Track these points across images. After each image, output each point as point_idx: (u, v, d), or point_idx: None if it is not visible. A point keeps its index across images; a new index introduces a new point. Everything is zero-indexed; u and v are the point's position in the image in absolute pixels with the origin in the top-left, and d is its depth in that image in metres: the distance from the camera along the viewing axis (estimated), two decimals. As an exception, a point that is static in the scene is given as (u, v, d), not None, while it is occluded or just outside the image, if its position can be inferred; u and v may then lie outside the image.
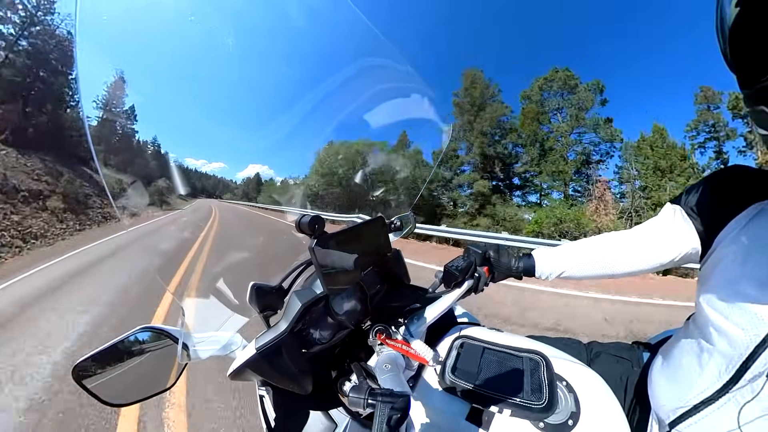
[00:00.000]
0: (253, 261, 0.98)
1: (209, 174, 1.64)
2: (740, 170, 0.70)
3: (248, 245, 1.10)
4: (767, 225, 0.60)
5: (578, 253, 0.88)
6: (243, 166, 1.64)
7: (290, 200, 1.44)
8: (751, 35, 0.48)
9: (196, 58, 0.92)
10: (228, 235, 2.62)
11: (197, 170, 1.23)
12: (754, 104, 0.50)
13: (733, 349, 0.61)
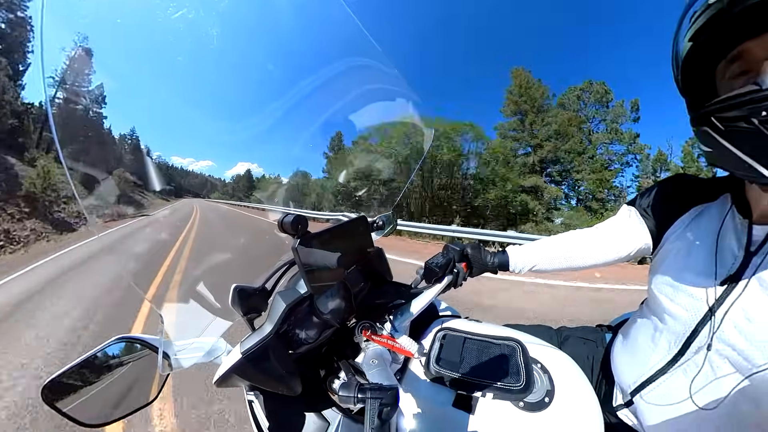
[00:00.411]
0: (234, 262, 0.96)
1: (197, 173, 1.58)
2: (684, 178, 0.83)
3: (229, 246, 1.08)
4: (705, 225, 0.71)
5: (547, 248, 0.97)
6: (232, 164, 1.59)
7: (279, 199, 1.41)
8: (699, 67, 0.59)
9: (178, 45, 0.86)
10: (209, 236, 2.52)
11: (184, 168, 1.19)
12: (699, 125, 0.57)
13: (679, 327, 0.71)
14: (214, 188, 2.00)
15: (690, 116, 0.61)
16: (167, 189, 0.94)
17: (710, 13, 0.50)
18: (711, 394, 0.64)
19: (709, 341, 0.64)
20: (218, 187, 1.99)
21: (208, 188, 1.84)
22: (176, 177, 1.20)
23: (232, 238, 1.21)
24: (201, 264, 0.99)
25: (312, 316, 0.85)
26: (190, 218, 2.00)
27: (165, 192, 0.91)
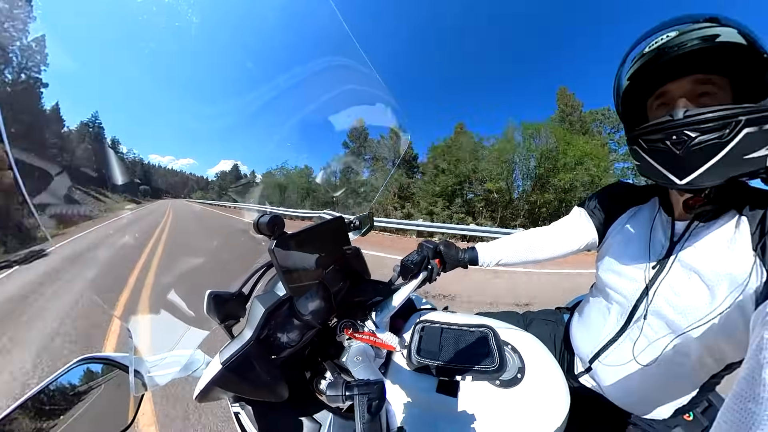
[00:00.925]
0: (208, 267, 0.91)
1: (177, 171, 1.48)
2: (623, 185, 1.00)
3: (203, 250, 1.03)
4: (640, 221, 0.87)
5: (511, 244, 1.09)
6: (214, 162, 1.51)
7: (261, 197, 1.36)
8: (633, 100, 0.77)
9: (151, 30, 0.79)
10: (181, 239, 2.35)
11: (163, 167, 1.11)
12: (632, 144, 0.73)
13: (623, 303, 0.85)
14: (196, 187, 1.89)
15: (626, 137, 0.76)
16: (143, 189, 0.87)
17: (643, 61, 0.68)
18: (650, 354, 0.78)
19: (645, 312, 0.79)
20: (201, 185, 1.88)
21: (189, 187, 1.74)
22: (154, 176, 1.12)
23: (205, 240, 1.15)
24: (172, 270, 0.93)
25: (292, 318, 0.84)
26: (162, 220, 1.88)
27: (141, 193, 0.84)
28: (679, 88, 0.66)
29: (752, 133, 0.56)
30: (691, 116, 0.58)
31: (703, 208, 0.69)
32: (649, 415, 0.86)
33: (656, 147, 0.64)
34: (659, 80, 0.69)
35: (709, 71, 0.64)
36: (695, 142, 0.58)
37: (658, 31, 0.65)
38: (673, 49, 0.62)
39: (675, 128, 0.59)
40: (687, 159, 0.60)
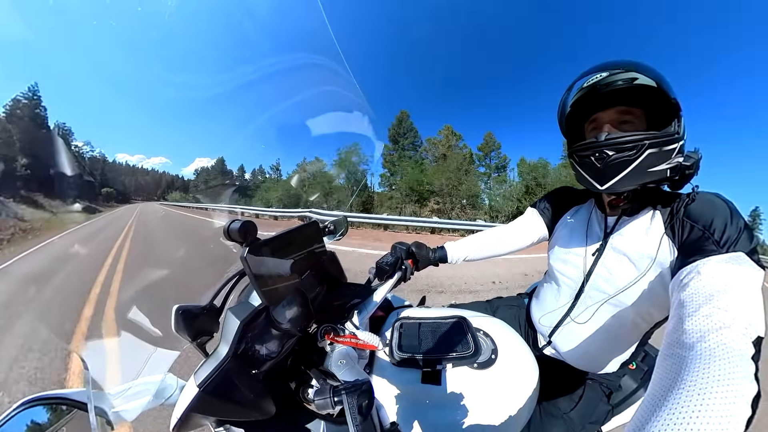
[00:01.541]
0: (174, 279, 0.83)
1: (149, 170, 1.33)
2: (566, 189, 1.19)
3: (168, 261, 0.94)
4: (580, 218, 1.05)
5: (475, 242, 1.21)
6: (188, 160, 1.39)
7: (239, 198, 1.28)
8: (573, 123, 0.94)
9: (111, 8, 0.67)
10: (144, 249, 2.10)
11: (132, 166, 0.99)
12: (569, 158, 0.90)
13: (571, 284, 1.01)
14: (170, 187, 1.74)
15: (568, 151, 0.93)
16: (106, 193, 0.77)
17: (581, 93, 0.85)
18: (596, 322, 0.94)
19: (589, 289, 0.95)
20: (175, 185, 1.73)
21: (163, 188, 1.59)
22: (121, 177, 1.00)
23: (172, 249, 1.05)
24: (134, 285, 0.84)
25: (270, 328, 0.80)
26: (126, 227, 1.67)
27: (102, 197, 0.74)
28: (606, 116, 0.83)
29: (654, 153, 0.73)
30: (609, 139, 0.75)
31: (623, 206, 0.88)
32: (602, 371, 1.02)
33: (585, 161, 0.82)
34: (593, 109, 0.86)
35: (629, 105, 0.81)
36: (611, 158, 0.75)
37: (594, 72, 0.81)
38: (604, 87, 0.79)
39: (598, 147, 0.77)
40: (606, 170, 0.77)
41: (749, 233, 0.64)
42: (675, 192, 0.82)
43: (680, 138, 0.75)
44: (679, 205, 0.77)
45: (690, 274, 0.61)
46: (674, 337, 0.51)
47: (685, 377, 0.43)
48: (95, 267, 3.42)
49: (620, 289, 0.85)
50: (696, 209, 0.73)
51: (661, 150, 0.73)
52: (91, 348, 0.77)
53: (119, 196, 14.22)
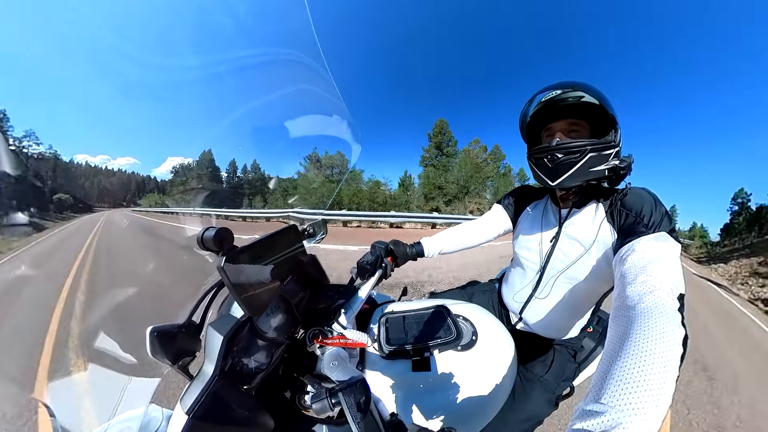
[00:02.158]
0: (145, 297, 0.76)
1: (113, 171, 1.18)
2: (526, 187, 1.32)
3: (137, 276, 0.86)
4: (538, 211, 1.17)
5: (449, 236, 1.31)
6: (160, 160, 1.28)
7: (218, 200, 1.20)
8: (532, 130, 1.07)
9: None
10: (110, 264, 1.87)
11: (93, 167, 0.86)
12: (528, 159, 1.04)
13: (534, 267, 1.14)
14: (139, 192, 1.59)
15: (527, 155, 1.07)
16: (59, 200, 0.68)
17: (539, 107, 0.99)
18: (557, 296, 1.08)
19: (549, 270, 1.09)
20: (146, 188, 1.58)
21: (132, 192, 1.45)
22: (80, 181, 0.88)
23: (140, 263, 0.96)
24: (98, 308, 0.75)
25: (256, 340, 0.76)
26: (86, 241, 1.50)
27: (55, 206, 0.64)
28: (558, 125, 0.98)
29: (594, 156, 0.89)
30: (560, 145, 0.91)
31: (573, 199, 1.04)
32: (566, 337, 1.18)
33: (540, 162, 0.96)
34: (548, 119, 1.01)
35: (577, 117, 0.97)
36: (561, 160, 0.90)
37: (550, 90, 0.97)
38: (557, 102, 0.95)
39: (550, 151, 0.92)
40: (556, 170, 0.92)
41: (669, 217, 0.81)
42: (613, 188, 0.97)
43: (616, 145, 0.91)
44: (616, 197, 0.93)
45: (628, 251, 0.75)
46: (620, 301, 0.63)
47: (633, 331, 0.53)
48: (52, 293, 2.92)
49: (574, 267, 1.00)
50: (629, 200, 0.88)
51: (600, 154, 0.89)
52: (55, 391, 0.67)
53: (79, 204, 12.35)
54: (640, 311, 0.57)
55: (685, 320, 0.56)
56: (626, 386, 0.45)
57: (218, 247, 0.62)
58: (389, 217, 13.27)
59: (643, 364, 0.47)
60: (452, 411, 0.85)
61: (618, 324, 0.58)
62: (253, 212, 6.86)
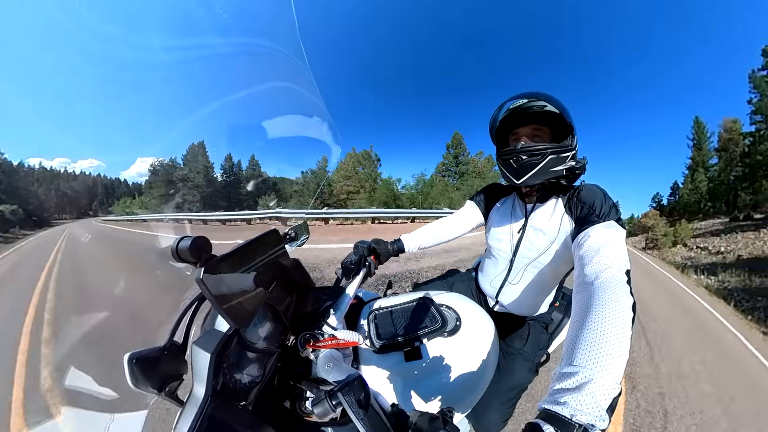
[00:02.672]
0: (118, 320, 0.68)
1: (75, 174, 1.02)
2: (496, 185, 1.42)
3: (107, 297, 0.77)
4: (507, 206, 1.29)
5: (427, 232, 1.39)
6: (128, 161, 1.12)
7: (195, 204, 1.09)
8: (501, 135, 1.16)
9: None
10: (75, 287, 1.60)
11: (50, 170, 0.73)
12: (497, 161, 1.13)
13: (505, 256, 1.25)
14: (109, 196, 1.41)
15: (495, 156, 1.16)
16: (5, 215, 0.57)
17: (507, 113, 1.07)
18: (526, 279, 1.21)
19: (518, 258, 1.20)
20: (116, 192, 1.41)
21: (99, 197, 1.28)
22: (33, 188, 0.74)
23: (110, 281, 0.86)
24: (65, 339, 0.65)
25: (246, 352, 0.73)
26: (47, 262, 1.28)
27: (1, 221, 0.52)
28: (524, 131, 1.09)
29: (553, 158, 0.99)
30: (524, 148, 1.02)
31: (536, 195, 1.15)
32: (538, 313, 1.32)
33: (507, 162, 1.05)
34: (515, 125, 1.10)
35: (540, 124, 1.07)
36: (524, 161, 1.01)
37: (517, 99, 1.06)
38: (523, 110, 1.05)
39: (516, 153, 1.02)
40: (521, 170, 1.02)
41: (616, 209, 0.95)
42: (570, 185, 1.09)
43: (573, 149, 1.03)
44: (573, 193, 1.06)
45: (584, 237, 0.87)
46: (580, 279, 0.74)
47: (593, 303, 0.63)
48: (8, 339, 2.32)
49: (539, 254, 1.13)
50: (583, 195, 1.01)
51: (559, 156, 1.00)
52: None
53: (32, 218, 10.35)
54: (597, 286, 0.67)
55: (632, 290, 0.67)
56: (592, 349, 0.54)
57: (195, 258, 0.57)
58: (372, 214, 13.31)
59: (604, 329, 0.57)
60: (447, 392, 0.90)
61: (580, 297, 0.68)
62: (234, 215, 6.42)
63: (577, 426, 0.45)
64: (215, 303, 0.60)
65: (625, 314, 0.60)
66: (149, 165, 5.47)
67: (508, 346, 1.24)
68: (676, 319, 6.13)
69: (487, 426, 1.09)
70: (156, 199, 5.34)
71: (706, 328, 6.00)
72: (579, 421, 0.46)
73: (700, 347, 4.31)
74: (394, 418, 0.66)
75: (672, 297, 8.62)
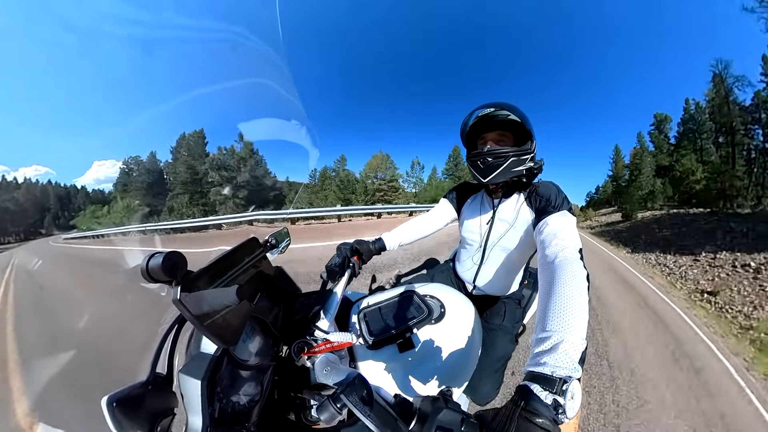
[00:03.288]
0: (88, 361, 0.59)
1: (19, 183, 0.82)
2: (466, 183, 1.54)
3: (71, 338, 0.66)
4: (477, 202, 1.42)
5: (405, 230, 1.46)
6: (83, 166, 0.93)
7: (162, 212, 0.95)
8: (470, 139, 1.29)
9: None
10: (33, 334, 1.34)
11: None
12: (467, 162, 1.26)
13: (478, 246, 1.39)
14: (65, 209, 1.19)
15: (466, 158, 1.29)
16: None
17: (476, 120, 1.20)
18: (497, 264, 1.35)
19: (489, 246, 1.34)
20: (73, 203, 1.19)
21: (53, 210, 1.08)
22: None
23: (74, 317, 0.74)
24: (29, 392, 0.55)
25: (239, 372, 0.68)
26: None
27: None
28: (490, 136, 1.21)
29: (515, 160, 1.12)
30: (490, 151, 1.14)
31: (501, 192, 1.28)
32: (510, 292, 1.48)
33: (475, 163, 1.17)
34: (482, 131, 1.23)
35: (504, 130, 1.20)
36: (490, 162, 1.13)
37: (485, 108, 1.18)
38: (490, 118, 1.17)
39: (482, 156, 1.14)
40: (487, 170, 1.14)
41: (568, 200, 1.09)
42: (530, 182, 1.23)
43: (531, 152, 1.18)
44: (532, 188, 1.20)
45: (543, 225, 1.01)
46: (543, 259, 0.87)
47: (555, 278, 0.74)
48: None
49: (507, 241, 1.27)
50: (541, 190, 1.14)
51: (519, 158, 1.14)
52: None
53: None
54: (557, 264, 0.79)
55: (585, 264, 0.80)
56: (560, 315, 0.64)
57: (170, 276, 0.52)
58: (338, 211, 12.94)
59: (567, 298, 0.67)
60: (443, 373, 0.96)
61: (544, 274, 0.80)
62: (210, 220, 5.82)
63: (558, 380, 0.52)
64: (198, 324, 0.55)
65: (582, 284, 0.71)
66: (97, 175, 4.61)
67: (488, 323, 1.36)
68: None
69: (483, 396, 1.20)
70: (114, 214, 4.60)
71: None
72: (558, 375, 0.53)
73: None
74: (399, 407, 0.67)
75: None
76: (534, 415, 0.49)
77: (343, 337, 0.85)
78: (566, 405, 0.50)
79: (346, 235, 7.14)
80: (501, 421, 0.50)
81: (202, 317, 0.55)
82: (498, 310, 1.42)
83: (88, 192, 6.36)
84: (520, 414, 0.50)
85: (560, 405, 0.50)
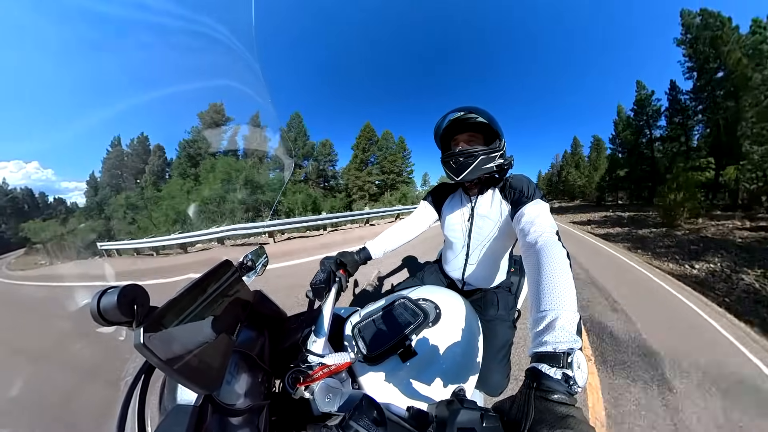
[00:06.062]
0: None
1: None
2: (444, 184, 1.57)
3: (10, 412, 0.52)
4: (455, 201, 1.45)
5: (389, 236, 1.47)
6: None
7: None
8: (444, 140, 1.33)
9: None
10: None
11: None
12: (442, 162, 1.30)
13: (461, 243, 1.42)
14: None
15: (440, 158, 1.33)
16: None
17: (449, 123, 1.25)
18: (481, 258, 1.39)
19: (472, 242, 1.38)
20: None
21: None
22: None
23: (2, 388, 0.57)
24: None
25: (228, 419, 0.57)
26: None
27: None
28: (461, 137, 1.27)
29: (484, 158, 1.17)
30: (461, 151, 1.20)
31: (476, 189, 1.34)
32: (499, 282, 1.52)
33: (448, 164, 1.23)
34: (455, 132, 1.28)
35: (474, 131, 1.26)
36: (461, 161, 1.18)
37: (457, 111, 1.22)
38: (462, 120, 1.23)
39: (454, 156, 1.20)
40: (458, 168, 1.19)
41: (538, 189, 1.16)
42: (502, 177, 1.29)
43: (500, 149, 1.23)
44: (505, 183, 1.27)
45: (520, 215, 1.06)
46: (525, 246, 0.91)
47: (539, 261, 0.78)
48: None
49: (488, 234, 1.32)
50: (514, 183, 1.22)
51: (489, 156, 1.19)
52: None
53: None
54: (539, 248, 0.84)
55: (563, 244, 0.85)
56: (550, 294, 0.67)
57: (129, 316, 0.42)
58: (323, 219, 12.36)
59: (554, 278, 0.71)
60: (451, 374, 0.93)
61: (529, 259, 0.84)
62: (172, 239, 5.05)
63: (562, 354, 0.55)
64: (169, 370, 0.45)
65: (565, 263, 0.76)
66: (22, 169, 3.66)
67: (485, 315, 1.37)
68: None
69: (495, 386, 1.21)
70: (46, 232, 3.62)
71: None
72: (561, 350, 0.56)
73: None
74: (414, 419, 0.64)
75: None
76: (549, 392, 0.50)
77: (341, 358, 0.77)
78: (575, 375, 0.52)
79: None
80: (519, 407, 0.51)
81: (173, 361, 0.46)
82: (491, 301, 1.44)
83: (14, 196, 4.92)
84: (535, 395, 0.51)
85: (570, 377, 0.52)
